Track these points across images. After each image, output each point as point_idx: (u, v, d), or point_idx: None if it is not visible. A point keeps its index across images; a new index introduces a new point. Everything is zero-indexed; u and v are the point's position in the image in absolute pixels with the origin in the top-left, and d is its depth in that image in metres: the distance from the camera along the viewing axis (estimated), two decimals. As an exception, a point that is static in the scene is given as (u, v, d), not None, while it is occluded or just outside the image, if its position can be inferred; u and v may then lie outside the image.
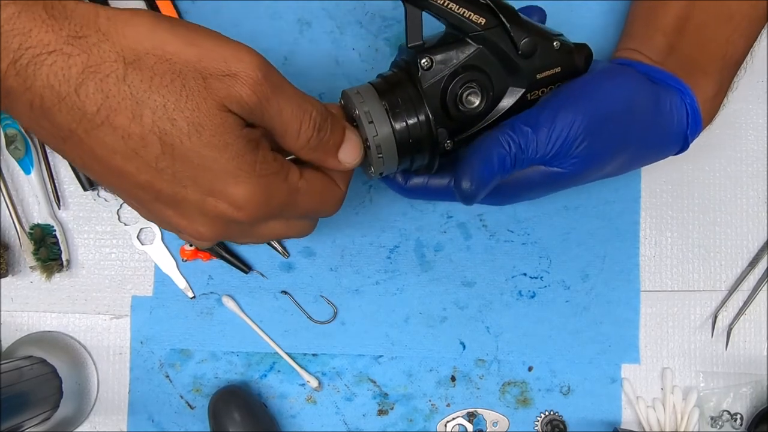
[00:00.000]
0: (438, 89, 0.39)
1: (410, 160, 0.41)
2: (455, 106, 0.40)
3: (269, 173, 0.34)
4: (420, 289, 0.54)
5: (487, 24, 0.39)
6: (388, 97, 0.39)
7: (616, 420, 0.53)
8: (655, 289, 0.54)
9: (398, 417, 0.54)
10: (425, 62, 0.39)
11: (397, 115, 0.39)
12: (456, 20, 0.39)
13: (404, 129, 0.39)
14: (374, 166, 0.40)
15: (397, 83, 0.40)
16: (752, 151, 0.55)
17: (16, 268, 0.55)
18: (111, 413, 0.54)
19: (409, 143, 0.39)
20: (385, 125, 0.39)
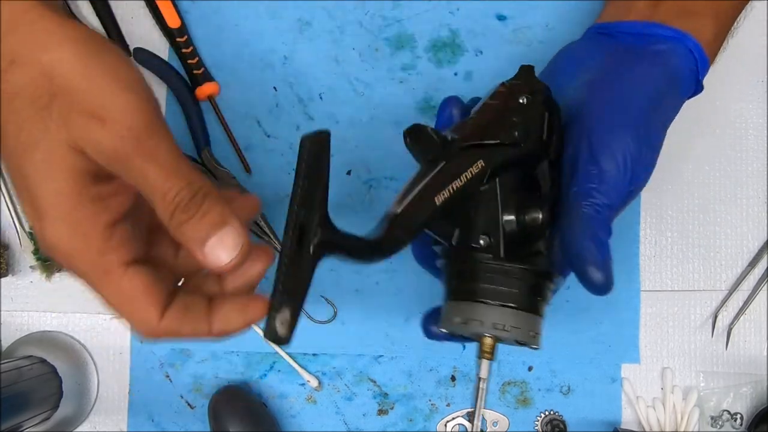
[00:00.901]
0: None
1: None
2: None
3: (90, 235, 0.30)
4: (420, 289, 0.54)
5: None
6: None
7: (616, 420, 0.53)
8: (655, 289, 0.54)
9: (398, 417, 0.54)
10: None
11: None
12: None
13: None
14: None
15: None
16: (752, 151, 0.55)
17: (16, 267, 0.55)
18: (111, 413, 0.54)
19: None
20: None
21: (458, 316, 0.37)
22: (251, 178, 0.54)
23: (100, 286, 0.32)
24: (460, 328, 0.37)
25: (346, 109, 0.54)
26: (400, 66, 0.55)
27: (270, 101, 0.55)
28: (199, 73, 0.53)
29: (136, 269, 0.31)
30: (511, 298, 0.36)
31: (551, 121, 0.39)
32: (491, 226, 0.37)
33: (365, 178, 0.54)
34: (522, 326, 0.36)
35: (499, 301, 0.36)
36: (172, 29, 0.53)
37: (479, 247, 0.36)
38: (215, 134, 0.54)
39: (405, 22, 0.55)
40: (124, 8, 0.55)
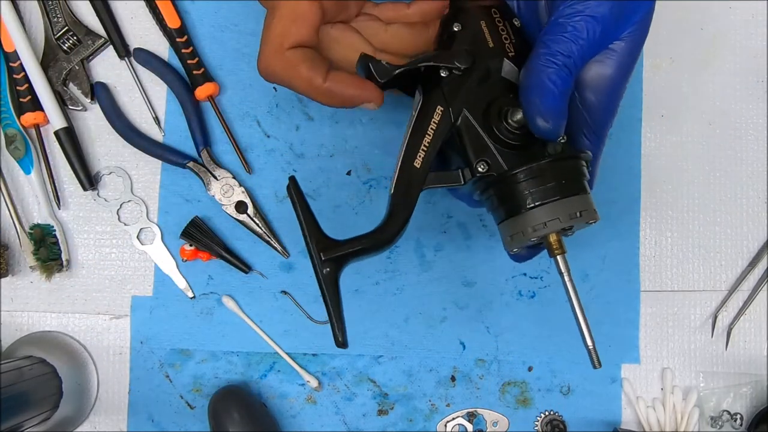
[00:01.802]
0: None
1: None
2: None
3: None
4: (420, 289, 0.54)
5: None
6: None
7: (616, 420, 0.53)
8: (655, 289, 0.54)
9: (398, 417, 0.54)
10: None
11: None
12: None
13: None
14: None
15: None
16: (752, 151, 0.55)
17: (16, 268, 0.55)
18: (111, 413, 0.54)
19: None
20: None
21: (507, 234, 0.39)
22: (251, 178, 0.54)
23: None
24: (514, 243, 0.39)
25: (346, 109, 0.54)
26: (400, 66, 0.54)
27: (270, 101, 0.55)
28: (199, 73, 0.53)
29: (300, 49, 0.39)
30: (540, 195, 0.37)
31: (492, 23, 0.40)
32: (481, 149, 0.38)
33: (365, 178, 0.54)
34: (563, 212, 0.37)
35: (531, 204, 0.37)
36: (172, 29, 0.53)
37: (483, 173, 0.38)
38: (215, 134, 0.54)
39: (405, 22, 0.55)
40: (124, 8, 0.55)
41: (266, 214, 0.54)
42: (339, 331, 0.38)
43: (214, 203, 0.54)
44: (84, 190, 0.54)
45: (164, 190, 0.55)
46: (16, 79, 0.53)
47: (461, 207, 0.54)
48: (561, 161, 0.38)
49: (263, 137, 0.54)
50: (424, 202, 0.54)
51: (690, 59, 0.55)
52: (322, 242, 0.37)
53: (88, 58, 0.55)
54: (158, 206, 0.54)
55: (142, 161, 0.55)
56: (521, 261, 0.44)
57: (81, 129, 0.55)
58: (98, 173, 0.55)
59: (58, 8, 0.55)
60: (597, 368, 0.38)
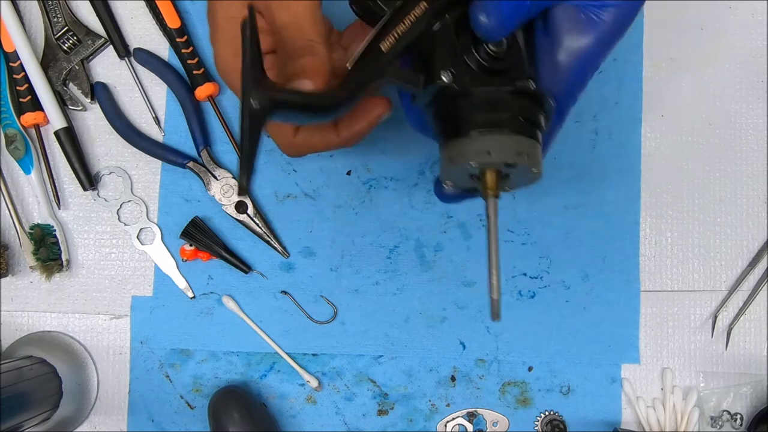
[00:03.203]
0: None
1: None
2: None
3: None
4: (420, 289, 0.54)
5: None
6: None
7: (616, 420, 0.53)
8: (655, 289, 0.54)
9: (398, 417, 0.54)
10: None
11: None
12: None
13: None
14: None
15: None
16: (752, 151, 0.55)
17: (16, 268, 0.55)
18: (111, 413, 0.54)
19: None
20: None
21: (448, 157, 0.37)
22: (251, 178, 0.54)
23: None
24: (453, 165, 0.36)
25: (346, 109, 0.54)
26: (400, 66, 0.54)
27: (270, 101, 0.55)
28: (199, 73, 0.53)
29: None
30: (493, 122, 0.35)
31: None
32: (451, 60, 0.36)
33: (365, 178, 0.54)
34: (511, 147, 0.35)
35: (482, 128, 0.35)
36: (172, 29, 0.53)
37: (446, 84, 0.36)
38: (215, 134, 0.54)
39: (405, 22, 0.55)
40: (124, 8, 0.55)
41: (266, 214, 0.54)
42: (247, 171, 0.33)
43: (214, 203, 0.54)
44: (84, 190, 0.54)
45: (164, 190, 0.55)
46: (16, 79, 0.53)
47: (461, 207, 0.54)
48: (525, 97, 0.36)
49: (263, 137, 0.54)
50: (423, 202, 0.54)
51: (690, 59, 0.55)
52: (262, 79, 0.33)
53: (88, 58, 0.55)
54: (158, 206, 0.55)
55: (142, 161, 0.55)
56: (448, 201, 0.42)
57: (81, 129, 0.55)
58: (98, 173, 0.55)
59: (58, 8, 0.55)
60: (495, 320, 0.35)
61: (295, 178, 0.54)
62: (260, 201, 0.54)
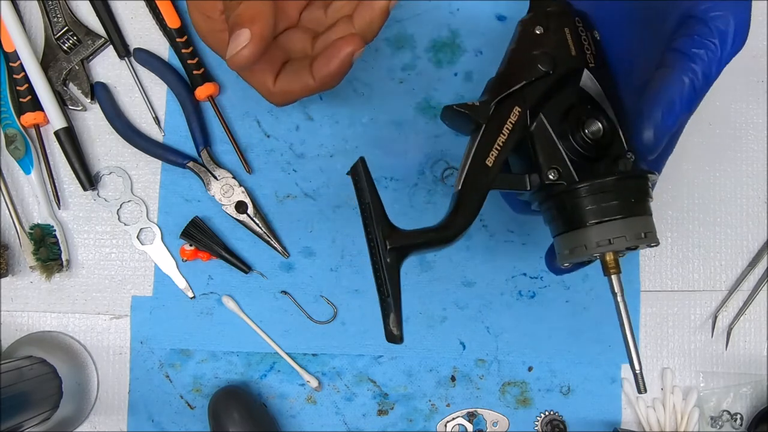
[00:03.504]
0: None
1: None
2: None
3: (213, 18, 0.40)
4: (420, 289, 0.54)
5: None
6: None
7: (616, 420, 0.53)
8: (655, 289, 0.54)
9: (398, 417, 0.54)
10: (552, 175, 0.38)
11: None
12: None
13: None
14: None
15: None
16: (752, 151, 0.55)
17: (16, 268, 0.55)
18: (111, 413, 0.54)
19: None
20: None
21: (567, 247, 0.38)
22: (251, 178, 0.54)
23: (227, 60, 0.39)
24: (572, 257, 0.38)
25: (346, 109, 0.54)
26: (400, 66, 0.55)
27: (270, 101, 0.55)
28: (199, 73, 0.53)
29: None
30: (607, 211, 0.36)
31: (576, 32, 0.39)
32: (554, 157, 0.37)
33: (365, 178, 0.54)
34: (629, 231, 0.37)
35: (597, 219, 0.37)
36: (172, 29, 0.53)
37: (553, 181, 0.37)
38: (215, 134, 0.54)
39: (405, 22, 0.55)
40: (124, 8, 0.55)
41: (266, 214, 0.54)
42: (396, 324, 0.37)
43: (214, 203, 0.54)
44: (84, 190, 0.54)
45: (164, 190, 0.55)
46: (16, 79, 0.53)
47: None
48: (631, 179, 0.37)
49: (263, 137, 0.54)
50: (423, 202, 0.54)
51: (690, 59, 0.55)
52: (387, 230, 0.37)
53: (88, 58, 0.55)
54: (158, 206, 0.55)
55: (142, 161, 0.55)
56: (561, 274, 0.44)
57: (81, 129, 0.55)
58: (98, 173, 0.55)
59: (58, 8, 0.55)
60: (642, 393, 0.37)
61: (295, 178, 0.54)
62: (260, 201, 0.54)
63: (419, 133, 0.54)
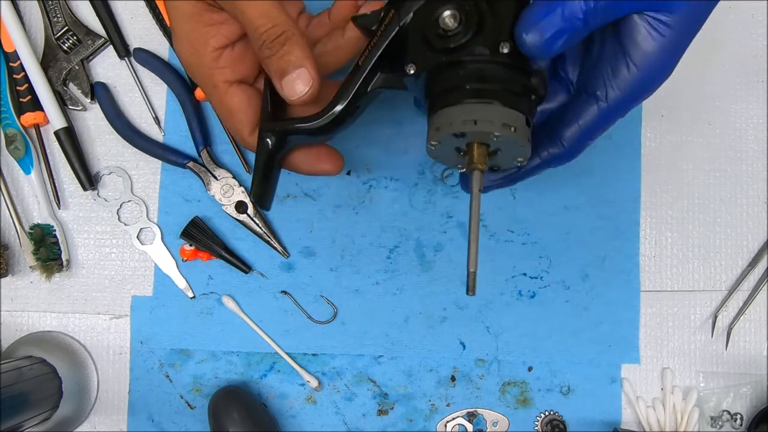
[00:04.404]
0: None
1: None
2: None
3: (202, 53, 0.39)
4: (420, 289, 0.54)
5: None
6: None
7: (616, 420, 0.53)
8: (655, 289, 0.54)
9: (398, 417, 0.54)
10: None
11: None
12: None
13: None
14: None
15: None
16: (752, 151, 0.55)
17: (16, 268, 0.55)
18: (111, 413, 0.54)
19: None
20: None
21: (434, 126, 0.37)
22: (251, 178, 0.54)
23: (210, 97, 0.40)
24: (438, 134, 0.37)
25: (346, 109, 0.54)
26: (400, 66, 0.54)
27: (270, 101, 0.55)
28: (199, 73, 0.53)
29: (238, 88, 0.40)
30: (483, 92, 0.35)
31: None
32: (416, 50, 0.37)
33: (365, 178, 0.54)
34: (501, 119, 0.35)
35: (471, 98, 0.35)
36: (172, 29, 0.53)
37: (409, 75, 0.37)
38: (215, 134, 0.54)
39: (405, 22, 0.55)
40: (124, 8, 0.55)
41: (266, 214, 0.54)
42: (259, 187, 0.40)
43: (214, 203, 0.54)
44: (84, 190, 0.54)
45: (164, 190, 0.55)
46: (16, 79, 0.53)
47: (461, 207, 0.54)
48: (513, 67, 0.36)
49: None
50: (423, 202, 0.54)
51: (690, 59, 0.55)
52: (267, 117, 0.40)
53: (88, 58, 0.55)
54: (158, 206, 0.55)
55: (142, 161, 0.55)
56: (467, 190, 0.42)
57: (81, 129, 0.55)
58: (98, 173, 0.55)
59: (58, 8, 0.55)
60: (470, 295, 0.37)
61: (295, 178, 0.54)
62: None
63: (419, 133, 0.54)
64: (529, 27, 0.34)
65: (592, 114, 0.37)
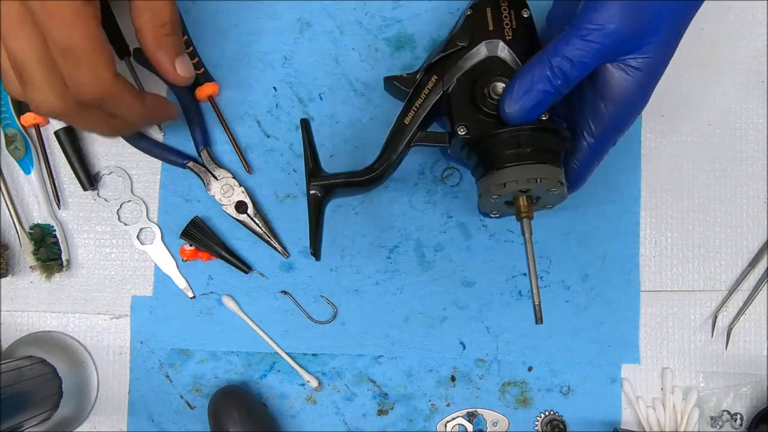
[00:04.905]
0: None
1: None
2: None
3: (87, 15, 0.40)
4: (420, 289, 0.54)
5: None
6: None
7: (616, 420, 0.53)
8: (655, 289, 0.54)
9: (398, 417, 0.54)
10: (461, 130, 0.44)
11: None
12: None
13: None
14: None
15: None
16: (752, 151, 0.55)
17: (16, 268, 0.55)
18: (111, 413, 0.54)
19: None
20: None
21: (483, 188, 0.44)
22: (251, 178, 0.54)
23: (74, 29, 0.39)
24: (486, 197, 0.43)
25: (346, 109, 0.54)
26: (400, 66, 0.55)
27: (270, 101, 0.55)
28: (199, 73, 0.53)
29: (102, 29, 0.41)
30: (509, 158, 0.42)
31: (497, 10, 0.46)
32: (464, 115, 0.44)
33: (365, 178, 0.54)
34: (525, 176, 0.42)
35: (503, 164, 0.42)
36: (172, 29, 0.53)
37: (462, 136, 0.44)
38: (215, 134, 0.54)
39: (405, 22, 0.55)
40: (125, 8, 0.55)
41: (266, 214, 0.54)
42: (314, 244, 0.45)
43: (214, 203, 0.54)
44: (84, 190, 0.54)
45: (164, 190, 0.55)
46: (16, 79, 0.53)
47: (461, 207, 0.54)
48: (531, 132, 0.42)
49: (263, 137, 0.54)
50: (423, 202, 0.54)
51: (690, 59, 0.55)
52: (315, 171, 0.45)
53: (88, 58, 0.55)
54: (158, 206, 0.55)
55: (142, 161, 0.55)
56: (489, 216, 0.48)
57: (81, 129, 0.55)
58: (98, 173, 0.55)
59: (58, 8, 0.55)
60: (539, 324, 0.43)
61: (295, 178, 0.54)
62: (260, 201, 0.54)
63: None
64: (511, 103, 0.41)
65: (583, 150, 0.44)
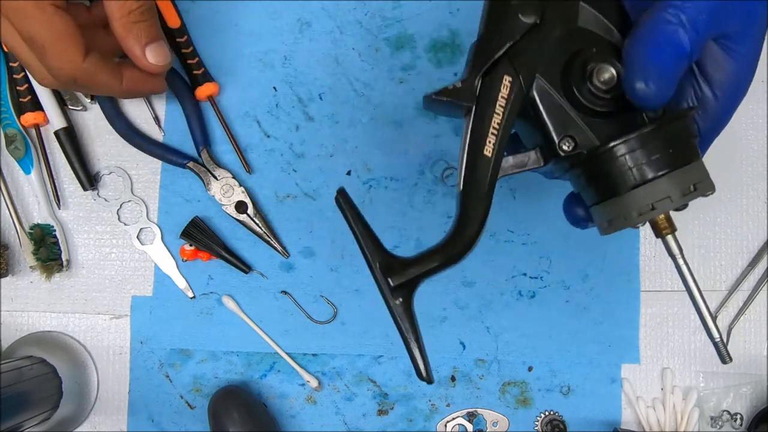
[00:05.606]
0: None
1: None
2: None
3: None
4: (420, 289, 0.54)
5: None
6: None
7: (616, 420, 0.53)
8: (655, 289, 0.54)
9: (398, 417, 0.54)
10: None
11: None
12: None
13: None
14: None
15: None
16: (752, 151, 0.55)
17: (16, 268, 0.55)
18: (111, 413, 0.54)
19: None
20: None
21: (605, 219, 0.33)
22: (251, 178, 0.54)
23: (33, 21, 0.39)
24: (613, 228, 0.33)
25: (346, 109, 0.54)
26: (400, 66, 0.55)
27: (270, 101, 0.55)
28: (199, 73, 0.53)
29: (66, 13, 0.40)
30: (647, 171, 0.31)
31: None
32: (564, 123, 0.31)
33: (365, 178, 0.54)
34: (677, 187, 0.31)
35: (639, 180, 0.31)
36: (172, 29, 0.53)
37: (569, 152, 0.32)
38: (215, 134, 0.54)
39: (405, 22, 0.55)
40: (124, 8, 0.55)
41: (266, 214, 0.54)
42: (423, 364, 0.32)
43: (214, 203, 0.54)
44: (84, 190, 0.54)
45: (164, 190, 0.55)
46: (16, 79, 0.53)
47: (461, 207, 0.54)
48: (666, 126, 0.31)
49: (263, 137, 0.54)
50: (423, 202, 0.54)
51: (690, 59, 0.55)
52: (387, 264, 0.32)
53: (88, 58, 0.55)
54: (158, 206, 0.55)
55: (142, 161, 0.55)
56: (583, 228, 0.40)
57: (81, 129, 0.55)
58: (98, 173, 0.55)
59: (58, 8, 0.55)
60: (728, 362, 0.32)
61: (295, 178, 0.54)
62: (260, 201, 0.54)
63: (419, 133, 0.54)
64: (646, 77, 0.30)
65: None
